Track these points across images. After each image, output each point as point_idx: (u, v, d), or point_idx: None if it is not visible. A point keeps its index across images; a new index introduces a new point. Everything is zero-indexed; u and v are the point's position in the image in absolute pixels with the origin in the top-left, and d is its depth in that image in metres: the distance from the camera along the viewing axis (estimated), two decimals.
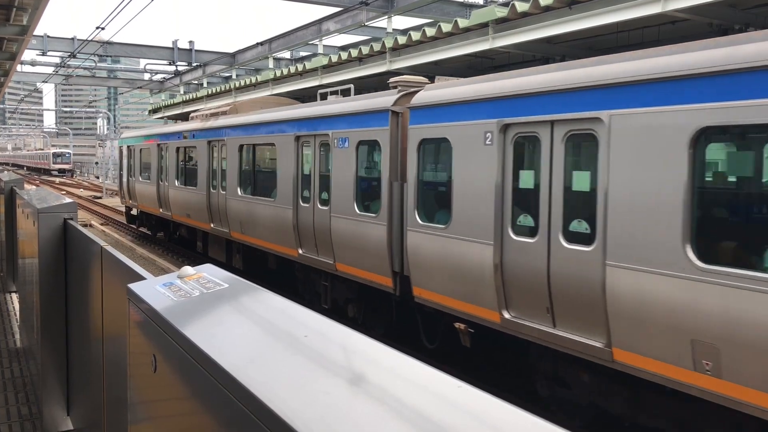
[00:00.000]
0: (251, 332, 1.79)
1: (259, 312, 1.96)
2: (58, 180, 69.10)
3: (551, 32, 10.58)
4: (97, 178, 68.58)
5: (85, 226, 25.19)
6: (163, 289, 2.27)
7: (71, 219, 5.29)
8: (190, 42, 27.87)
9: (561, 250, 6.64)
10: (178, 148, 18.11)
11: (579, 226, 6.55)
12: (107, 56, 28.80)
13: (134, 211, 23.83)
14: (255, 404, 1.30)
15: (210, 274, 2.39)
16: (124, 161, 23.84)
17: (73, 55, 26.04)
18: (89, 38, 23.82)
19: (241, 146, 14.21)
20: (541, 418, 1.07)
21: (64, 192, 45.49)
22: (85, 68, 31.09)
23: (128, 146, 23.42)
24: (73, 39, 26.47)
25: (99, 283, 3.80)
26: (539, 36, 10.83)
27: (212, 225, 15.82)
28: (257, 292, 2.11)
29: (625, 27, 9.83)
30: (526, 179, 7.18)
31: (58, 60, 28.48)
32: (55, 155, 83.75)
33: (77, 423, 5.10)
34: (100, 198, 42.38)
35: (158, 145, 19.67)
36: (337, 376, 1.35)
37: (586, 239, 6.41)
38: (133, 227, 24.94)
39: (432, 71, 13.86)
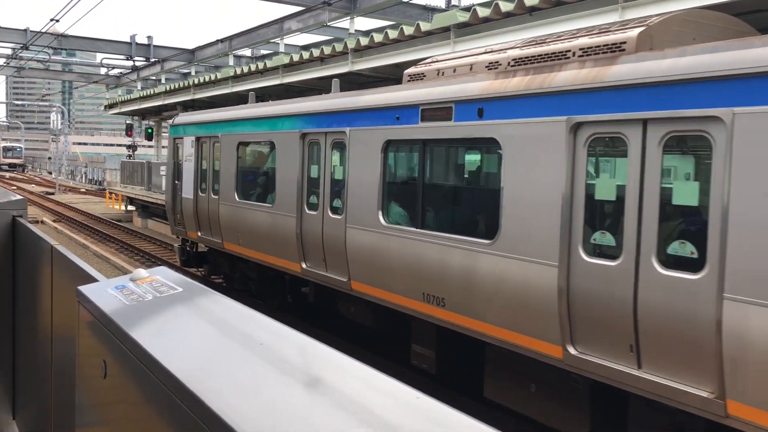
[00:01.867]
0: (205, 337, 1.75)
1: (214, 317, 1.91)
2: (8, 175, 67.20)
3: (511, 37, 10.70)
4: (50, 173, 66.86)
5: (35, 223, 24.53)
6: (114, 291, 2.21)
7: (20, 216, 5.12)
8: (149, 37, 27.42)
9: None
10: (389, 143, 8.72)
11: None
12: (62, 49, 28.14)
13: (198, 246, 14.62)
14: (205, 413, 1.26)
15: (164, 277, 2.33)
16: (188, 164, 13.92)
17: (25, 47, 25.34)
18: (43, 30, 23.23)
19: None
20: (498, 431, 1.06)
21: (14, 188, 44.27)
22: (38, 61, 30.31)
23: (198, 137, 13.63)
24: (26, 30, 25.77)
25: (49, 283, 3.69)
26: (500, 41, 10.94)
27: (573, 348, 6.27)
28: (212, 296, 2.06)
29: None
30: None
31: (9, 51, 27.71)
32: (6, 149, 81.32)
33: (23, 427, 4.95)
34: (53, 194, 41.36)
35: (304, 135, 10.46)
36: (293, 385, 1.33)
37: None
38: (194, 272, 14.97)
39: (393, 73, 13.88)
